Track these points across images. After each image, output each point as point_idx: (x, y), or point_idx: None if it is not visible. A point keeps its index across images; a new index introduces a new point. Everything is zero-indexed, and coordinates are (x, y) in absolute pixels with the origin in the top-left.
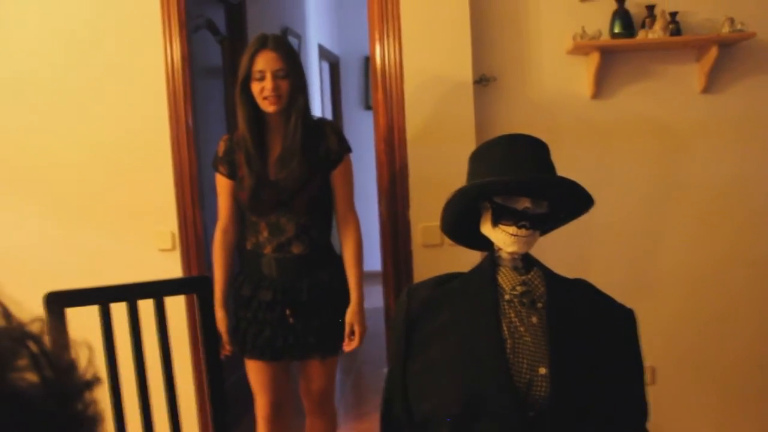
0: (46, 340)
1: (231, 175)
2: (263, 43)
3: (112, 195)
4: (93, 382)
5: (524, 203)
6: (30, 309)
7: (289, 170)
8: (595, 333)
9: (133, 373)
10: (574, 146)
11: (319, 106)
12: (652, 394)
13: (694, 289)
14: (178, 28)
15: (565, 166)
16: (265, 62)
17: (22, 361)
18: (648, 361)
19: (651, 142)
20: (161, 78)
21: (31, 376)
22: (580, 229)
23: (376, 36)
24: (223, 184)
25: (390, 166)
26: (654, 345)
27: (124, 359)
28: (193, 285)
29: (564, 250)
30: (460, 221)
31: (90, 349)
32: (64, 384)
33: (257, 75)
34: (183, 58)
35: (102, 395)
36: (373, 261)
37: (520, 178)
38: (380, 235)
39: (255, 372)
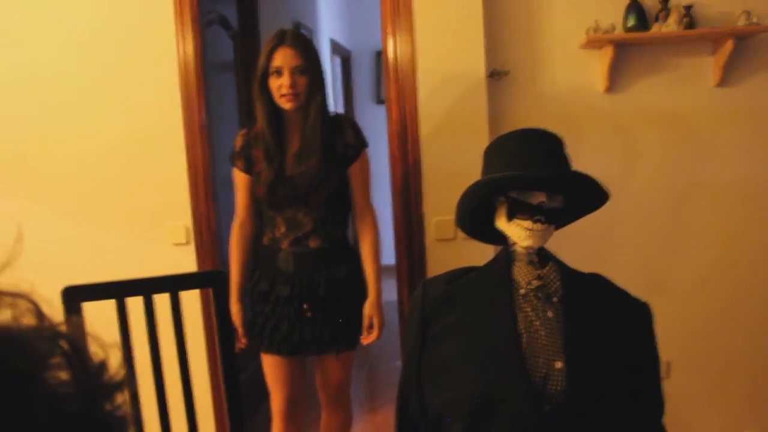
0: (79, 340)
1: (248, 169)
2: (281, 39)
3: (127, 191)
4: (123, 384)
5: (539, 197)
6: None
7: (307, 166)
8: (611, 327)
9: (149, 366)
10: (587, 140)
11: (331, 101)
12: (668, 388)
13: (710, 284)
14: (191, 24)
15: (578, 160)
16: (282, 59)
17: (56, 360)
18: (664, 355)
19: (665, 136)
20: (174, 73)
21: (64, 375)
22: (596, 224)
23: (389, 30)
24: (240, 179)
25: (403, 161)
26: (670, 339)
27: (141, 353)
28: (208, 279)
29: (580, 245)
30: (475, 216)
31: (119, 350)
32: (95, 384)
33: (275, 71)
34: (195, 53)
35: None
36: (387, 255)
37: (535, 172)
38: (393, 229)
39: (271, 367)
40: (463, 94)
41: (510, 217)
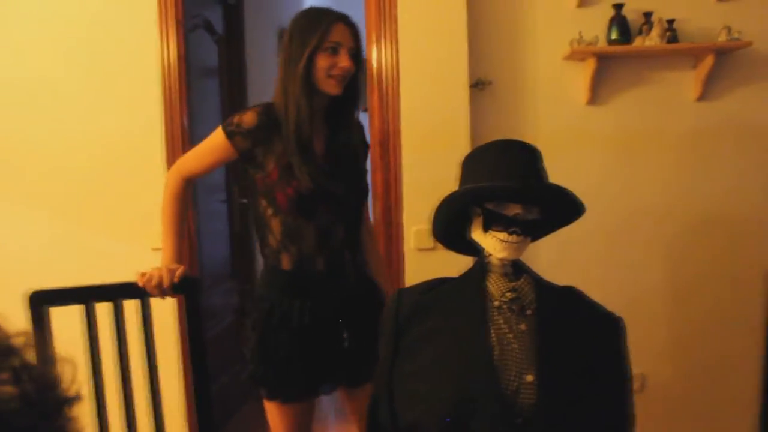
0: (30, 354)
1: (246, 153)
2: (339, 16)
3: (106, 193)
4: (75, 399)
5: (515, 209)
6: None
7: (347, 164)
8: (583, 341)
9: (117, 375)
10: (569, 151)
11: None
12: (643, 401)
13: (685, 297)
14: (175, 27)
15: (559, 172)
16: (342, 35)
17: (4, 375)
18: (639, 368)
19: (646, 148)
20: (157, 77)
21: (11, 390)
22: (574, 236)
23: (373, 39)
24: (223, 151)
25: (384, 169)
26: (645, 353)
27: (110, 360)
28: (181, 286)
29: (557, 257)
30: (451, 226)
31: (74, 365)
32: (45, 399)
33: (330, 47)
34: (179, 57)
35: (85, 398)
36: None
37: (510, 184)
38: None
39: (291, 416)
40: (446, 104)
41: (485, 228)
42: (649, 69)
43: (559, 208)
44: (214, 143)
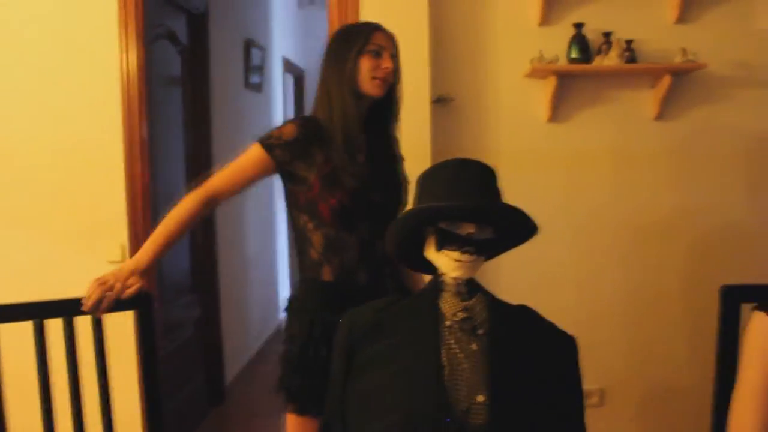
0: None
1: (285, 165)
2: (378, 25)
3: (61, 205)
4: None
5: (468, 229)
6: None
7: (388, 174)
8: (536, 360)
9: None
10: (529, 168)
11: (282, 119)
12: (601, 415)
13: (643, 312)
14: (135, 37)
15: (520, 188)
16: (385, 40)
17: None
18: (597, 383)
19: (605, 166)
20: (116, 87)
21: None
22: (535, 252)
23: None
24: (258, 166)
25: None
26: (603, 368)
27: (61, 380)
28: (132, 301)
29: (519, 272)
30: (406, 244)
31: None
32: None
33: (374, 51)
34: (140, 67)
35: (35, 418)
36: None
37: (462, 204)
38: None
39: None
40: (407, 120)
41: (439, 247)
42: (609, 88)
43: (513, 228)
44: (250, 158)
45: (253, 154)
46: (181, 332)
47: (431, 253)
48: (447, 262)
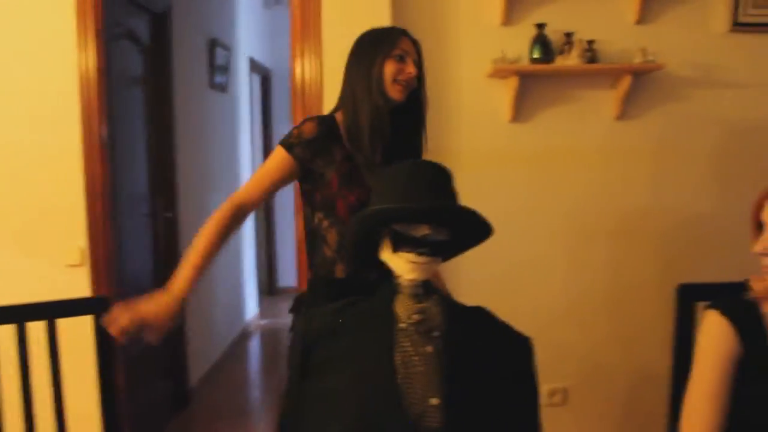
0: None
1: (306, 163)
2: (404, 31)
3: (18, 207)
4: None
5: (424, 230)
6: None
7: None
8: (491, 362)
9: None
10: (492, 168)
11: (248, 119)
12: (565, 414)
13: (605, 311)
14: (94, 36)
15: (482, 188)
16: (408, 46)
17: None
18: (561, 382)
19: (567, 166)
20: (74, 87)
21: None
22: (497, 252)
23: (298, 52)
24: (283, 168)
25: None
26: (566, 367)
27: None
28: (88, 306)
29: (480, 273)
30: (363, 246)
31: None
32: None
33: (398, 56)
34: (98, 67)
35: None
36: (290, 278)
37: (417, 206)
38: (297, 251)
39: None
40: None
41: (394, 249)
42: (571, 88)
43: (469, 229)
44: (274, 162)
45: (275, 156)
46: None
47: (387, 255)
48: (402, 264)
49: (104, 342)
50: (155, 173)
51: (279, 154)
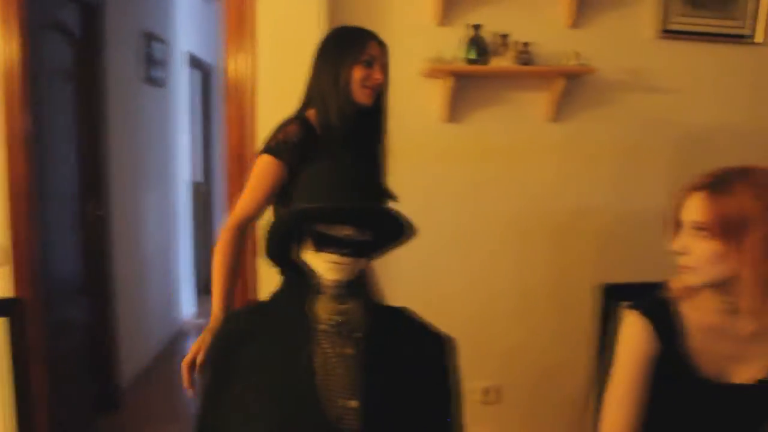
0: None
1: (294, 168)
2: (373, 34)
3: None
4: None
5: (346, 230)
6: None
7: (380, 175)
8: (411, 363)
9: None
10: (426, 168)
11: (187, 116)
12: (498, 412)
13: (538, 309)
14: (18, 26)
15: (416, 188)
16: (377, 50)
17: None
18: (494, 380)
19: (501, 166)
20: None
21: None
22: (431, 249)
23: (230, 49)
24: (274, 176)
25: (239, 183)
26: (500, 365)
27: None
28: (2, 308)
29: (413, 272)
30: (285, 246)
31: None
32: None
33: (366, 61)
34: (22, 59)
35: None
36: None
37: (337, 206)
38: None
39: None
40: None
41: (316, 249)
42: (505, 89)
43: (393, 229)
44: (264, 172)
45: (263, 166)
46: (70, 336)
47: (308, 256)
48: (324, 265)
49: (19, 344)
50: (85, 170)
51: (267, 162)
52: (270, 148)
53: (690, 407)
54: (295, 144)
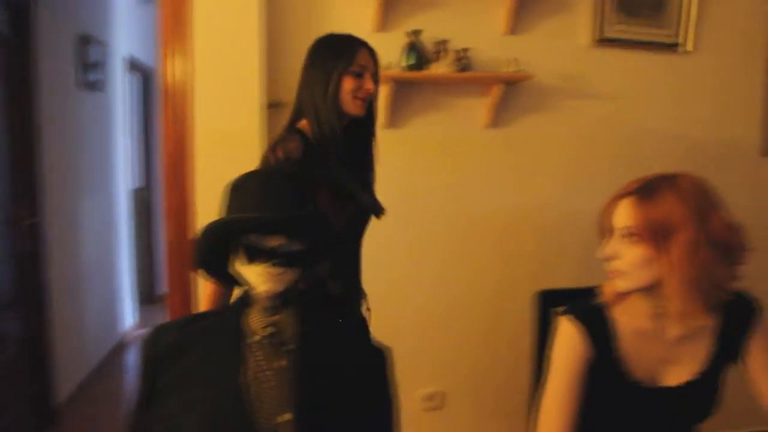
0: None
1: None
2: (363, 42)
3: None
4: None
5: (276, 241)
6: None
7: (371, 187)
8: (347, 374)
9: None
10: None
11: (128, 121)
12: (443, 418)
13: (482, 315)
14: None
15: None
16: (367, 60)
17: None
18: (439, 386)
19: (440, 172)
20: None
21: None
22: (373, 257)
23: (166, 52)
24: None
25: (176, 188)
26: (444, 370)
27: None
28: None
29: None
30: (216, 257)
31: None
32: None
33: (357, 71)
34: None
35: None
36: (160, 284)
37: (267, 217)
38: (166, 258)
39: None
40: (239, 124)
41: (247, 260)
42: (444, 95)
43: (324, 238)
44: None
45: None
46: (2, 350)
47: (240, 266)
48: (256, 276)
49: None
50: (17, 176)
51: None
52: (270, 166)
53: (623, 411)
54: (296, 161)
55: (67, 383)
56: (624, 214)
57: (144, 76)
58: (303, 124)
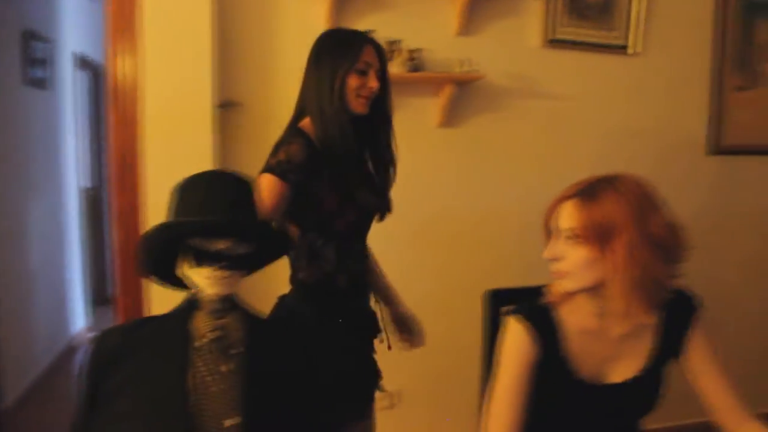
0: None
1: (301, 187)
2: (368, 38)
3: None
4: None
5: (222, 244)
6: None
7: (387, 182)
8: (294, 377)
9: None
10: None
11: (76, 119)
12: (398, 416)
13: (435, 314)
14: None
15: None
16: (372, 56)
17: None
18: (395, 385)
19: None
20: None
21: None
22: None
23: (112, 50)
24: (282, 196)
25: (126, 189)
26: (401, 369)
27: None
28: None
29: None
30: (161, 260)
31: None
32: None
33: (362, 67)
34: None
35: None
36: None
37: (211, 220)
38: (115, 260)
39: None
40: (189, 124)
41: (192, 263)
42: (396, 95)
43: (274, 241)
44: (271, 194)
45: (269, 187)
46: None
47: (186, 270)
48: (202, 279)
49: None
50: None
51: (272, 183)
52: (271, 168)
53: (570, 407)
54: (300, 164)
55: (14, 386)
56: (567, 216)
57: (95, 73)
58: (305, 123)
